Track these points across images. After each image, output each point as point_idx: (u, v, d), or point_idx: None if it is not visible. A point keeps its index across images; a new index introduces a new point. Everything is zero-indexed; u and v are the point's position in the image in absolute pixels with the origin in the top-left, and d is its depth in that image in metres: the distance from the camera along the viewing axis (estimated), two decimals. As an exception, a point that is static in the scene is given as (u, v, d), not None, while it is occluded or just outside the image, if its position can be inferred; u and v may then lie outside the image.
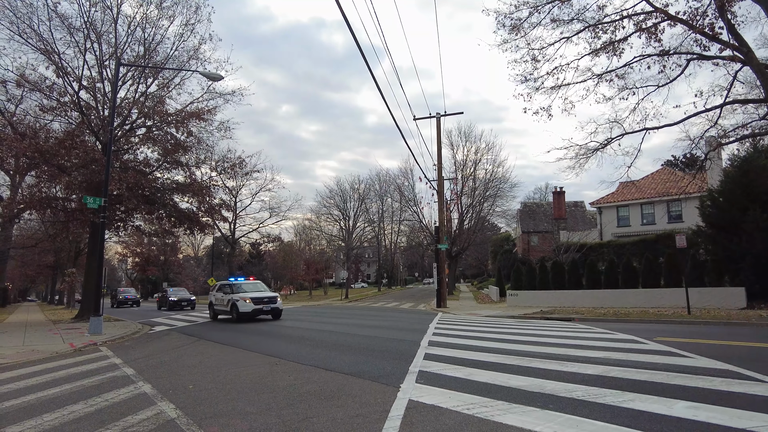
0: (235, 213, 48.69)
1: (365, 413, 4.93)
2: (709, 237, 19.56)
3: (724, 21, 15.32)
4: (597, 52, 17.45)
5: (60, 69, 19.59)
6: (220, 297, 20.02)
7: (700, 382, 5.79)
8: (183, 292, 34.57)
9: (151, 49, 21.48)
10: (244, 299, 18.29)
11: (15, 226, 36.24)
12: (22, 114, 22.75)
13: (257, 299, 18.54)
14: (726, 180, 19.44)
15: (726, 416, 4.37)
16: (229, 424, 4.75)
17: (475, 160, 43.52)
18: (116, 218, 22.48)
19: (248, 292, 19.23)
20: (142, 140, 22.44)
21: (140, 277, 78.60)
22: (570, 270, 24.46)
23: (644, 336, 10.55)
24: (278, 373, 7.48)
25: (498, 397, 5.37)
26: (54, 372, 8.33)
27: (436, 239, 26.92)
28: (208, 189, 24.31)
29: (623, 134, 17.84)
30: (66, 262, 43.49)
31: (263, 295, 19.19)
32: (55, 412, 5.48)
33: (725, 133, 16.97)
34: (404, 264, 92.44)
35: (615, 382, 5.96)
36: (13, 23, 18.80)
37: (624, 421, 4.33)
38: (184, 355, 10.12)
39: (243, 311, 18.11)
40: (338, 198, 58.87)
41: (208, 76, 16.97)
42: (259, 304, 18.39)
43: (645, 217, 33.69)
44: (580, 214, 49.27)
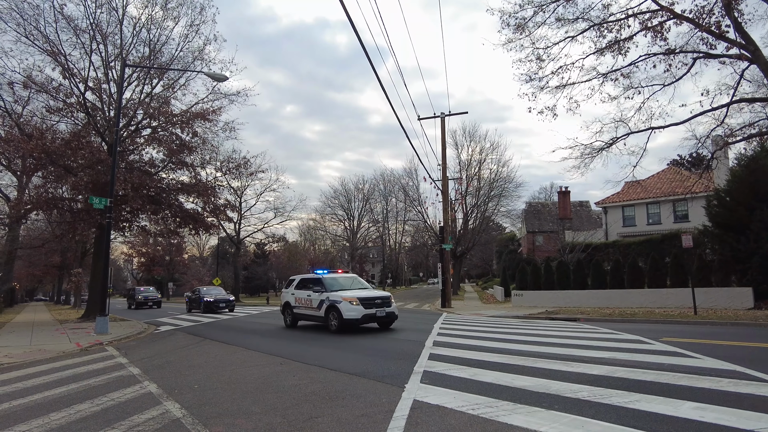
0: (240, 213, 48.88)
1: (370, 413, 4.93)
2: (716, 237, 19.41)
3: (731, 19, 15.20)
4: (602, 51, 17.36)
5: (66, 70, 19.72)
6: (305, 297, 14.95)
7: (707, 382, 5.74)
8: (219, 292, 29.30)
9: (156, 50, 21.61)
10: (348, 300, 13.10)
11: (22, 226, 36.48)
12: (29, 115, 22.95)
13: (367, 300, 13.27)
14: (733, 179, 19.29)
15: (734, 417, 4.34)
16: (234, 423, 4.76)
17: (479, 160, 43.44)
18: (122, 218, 22.60)
19: (350, 290, 14.14)
20: (147, 141, 22.55)
21: (146, 277, 78.96)
22: (575, 270, 24.37)
23: (650, 336, 10.49)
24: (283, 373, 7.49)
25: (503, 397, 5.35)
26: (61, 371, 8.38)
27: (440, 239, 26.88)
28: (213, 189, 24.41)
29: (629, 133, 17.75)
30: (72, 263, 43.75)
31: (373, 294, 14.04)
32: (62, 411, 5.51)
33: (732, 132, 16.85)
34: (409, 264, 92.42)
35: (621, 382, 5.92)
36: (20, 25, 18.98)
37: (630, 422, 4.31)
38: (190, 355, 10.16)
39: (349, 317, 12.90)
40: (343, 198, 59.04)
41: (213, 76, 17.03)
42: (370, 307, 13.12)
43: (651, 216, 33.48)
44: (585, 213, 49.08)
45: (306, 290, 15.12)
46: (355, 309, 12.93)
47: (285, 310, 16.08)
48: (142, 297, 37.04)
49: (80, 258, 42.13)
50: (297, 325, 15.59)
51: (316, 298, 14.19)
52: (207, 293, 28.03)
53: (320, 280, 14.69)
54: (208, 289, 29.64)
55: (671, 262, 21.05)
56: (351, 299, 13.13)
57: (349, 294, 13.54)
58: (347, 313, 12.92)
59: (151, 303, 36.89)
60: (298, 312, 15.34)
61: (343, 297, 13.25)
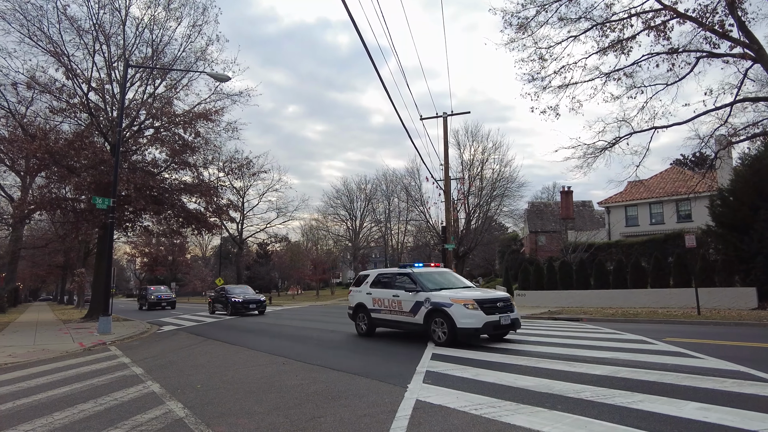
0: (242, 213, 49.00)
1: (373, 413, 4.93)
2: (720, 236, 19.35)
3: (735, 18, 15.15)
4: (605, 51, 17.33)
5: (69, 71, 19.78)
6: (388, 298, 11.51)
7: (710, 383, 5.72)
8: (246, 291, 26.14)
9: (158, 50, 21.66)
10: (462, 303, 9.67)
11: (26, 226, 36.64)
12: (32, 116, 23.03)
13: (487, 303, 9.81)
14: (736, 179, 19.22)
15: (737, 418, 4.32)
16: (237, 423, 4.77)
17: (482, 160, 43.25)
18: (125, 218, 22.67)
19: (453, 288, 10.90)
20: (150, 141, 22.60)
21: (149, 277, 79.17)
22: (578, 270, 24.31)
23: (653, 336, 10.46)
24: (285, 372, 7.50)
25: (506, 397, 5.35)
26: (64, 371, 8.41)
27: (443, 239, 26.87)
28: (216, 189, 24.45)
29: (631, 133, 17.71)
30: (75, 263, 43.92)
31: (491, 295, 10.49)
32: (66, 410, 5.53)
33: (736, 131, 16.80)
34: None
35: (624, 382, 5.91)
36: (23, 26, 19.03)
37: (633, 422, 4.30)
38: (192, 354, 10.18)
39: (465, 326, 9.47)
40: (345, 198, 59.03)
41: (216, 77, 17.06)
42: (492, 312, 9.69)
43: (654, 216, 33.40)
44: (588, 213, 49.00)
45: (389, 289, 11.74)
46: (472, 315, 9.50)
47: (357, 314, 12.69)
48: (155, 297, 33.81)
49: (83, 258, 42.29)
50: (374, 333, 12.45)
51: (408, 300, 10.85)
52: (235, 292, 25.15)
53: (412, 276, 11.30)
54: (234, 288, 26.63)
55: (674, 262, 20.99)
56: (465, 301, 9.70)
57: (458, 294, 10.23)
58: (463, 321, 9.50)
59: (165, 303, 33.80)
60: (379, 317, 11.90)
61: (453, 298, 9.85)
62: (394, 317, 11.44)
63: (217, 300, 26.02)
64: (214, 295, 26.96)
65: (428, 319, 10.24)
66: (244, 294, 25.00)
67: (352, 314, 13.09)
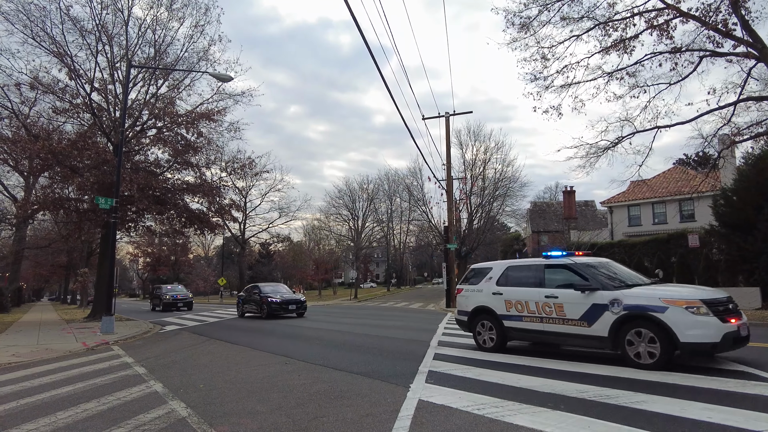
0: (244, 213, 48.99)
1: (375, 413, 4.93)
2: (723, 236, 19.28)
3: (738, 17, 15.09)
4: (607, 50, 17.28)
5: (72, 71, 19.82)
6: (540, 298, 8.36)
7: (714, 383, 5.71)
8: (281, 289, 23.29)
9: (161, 50, 21.69)
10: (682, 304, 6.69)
11: (29, 226, 36.79)
12: (35, 116, 23.08)
13: (719, 304, 6.91)
14: (740, 178, 19.14)
15: (741, 418, 4.30)
16: (240, 423, 4.77)
17: (484, 160, 43.30)
18: (127, 219, 22.71)
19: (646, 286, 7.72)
20: (152, 141, 22.64)
21: (151, 277, 79.34)
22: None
23: (656, 336, 10.40)
24: (288, 372, 7.50)
25: (508, 397, 5.34)
26: (67, 370, 8.43)
27: (445, 239, 26.85)
28: (218, 189, 24.49)
29: (634, 133, 17.65)
30: (78, 262, 44.01)
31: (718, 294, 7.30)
32: (69, 410, 5.54)
33: (739, 130, 16.72)
34: (413, 264, 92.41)
35: (627, 382, 5.90)
36: (26, 27, 19.07)
37: (637, 423, 4.28)
38: (195, 354, 10.19)
39: (693, 340, 6.47)
40: (347, 198, 58.98)
41: (218, 77, 17.06)
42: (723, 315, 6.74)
43: (657, 216, 33.32)
44: (590, 213, 48.91)
45: (534, 287, 8.57)
46: (704, 324, 6.55)
47: (476, 321, 9.52)
48: (171, 297, 30.04)
49: (86, 258, 42.41)
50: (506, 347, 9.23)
51: (576, 302, 7.77)
52: (270, 291, 22.06)
53: (576, 269, 8.13)
54: (267, 286, 23.43)
55: (677, 261, 20.93)
56: (687, 303, 6.74)
57: (668, 292, 7.15)
58: (689, 333, 6.51)
59: (181, 304, 29.92)
60: (518, 326, 8.71)
61: (665, 299, 6.87)
62: (549, 327, 8.20)
63: (247, 300, 22.95)
64: (244, 295, 23.81)
65: (618, 329, 7.17)
66: (282, 293, 22.08)
67: (468, 322, 9.77)
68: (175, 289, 31.99)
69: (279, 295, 21.58)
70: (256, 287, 22.95)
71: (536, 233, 46.87)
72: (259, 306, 21.38)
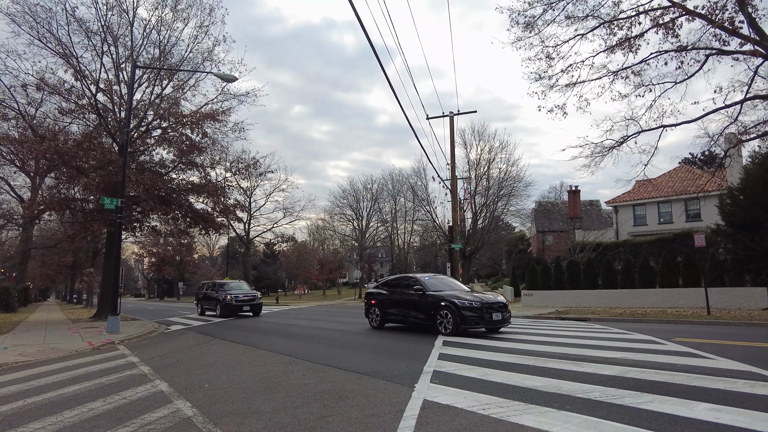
0: (249, 213, 49.11)
1: (380, 413, 4.92)
2: (729, 236, 19.15)
3: (745, 15, 14.98)
4: (612, 49, 17.19)
5: (78, 72, 19.94)
6: None
7: (721, 383, 5.66)
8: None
9: (166, 51, 21.79)
10: None
11: (35, 227, 37.01)
12: (42, 117, 23.25)
13: None
14: (746, 177, 19.01)
15: (749, 419, 4.26)
16: (245, 422, 4.78)
17: (488, 159, 43.15)
18: (133, 219, 22.82)
19: None
20: (157, 141, 22.75)
21: (156, 277, 79.71)
22: (585, 270, 24.17)
23: (662, 336, 10.37)
24: (293, 372, 7.50)
25: (514, 397, 5.32)
26: (73, 370, 8.47)
27: (449, 239, 26.79)
28: (223, 189, 24.57)
29: (639, 132, 17.56)
30: (84, 262, 44.28)
31: None
32: (75, 409, 5.56)
33: (746, 129, 16.60)
34: (417, 264, 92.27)
35: (633, 383, 5.86)
36: (33, 28, 19.20)
37: (643, 423, 4.25)
38: (200, 354, 10.22)
39: None
40: (351, 198, 59.02)
41: (222, 77, 17.11)
42: None
43: (662, 215, 33.15)
44: (595, 213, 48.71)
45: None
46: None
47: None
48: (235, 298, 21.35)
49: (92, 258, 42.65)
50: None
51: None
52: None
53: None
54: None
55: (683, 261, 20.82)
56: None
57: None
58: None
59: (247, 308, 21.56)
60: None
61: None
62: None
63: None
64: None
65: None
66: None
67: None
68: (241, 287, 23.34)
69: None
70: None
71: (541, 233, 46.73)
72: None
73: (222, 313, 21.02)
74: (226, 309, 20.96)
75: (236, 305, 21.16)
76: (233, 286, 22.80)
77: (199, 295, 24.34)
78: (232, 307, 20.98)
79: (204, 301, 23.15)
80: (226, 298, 21.20)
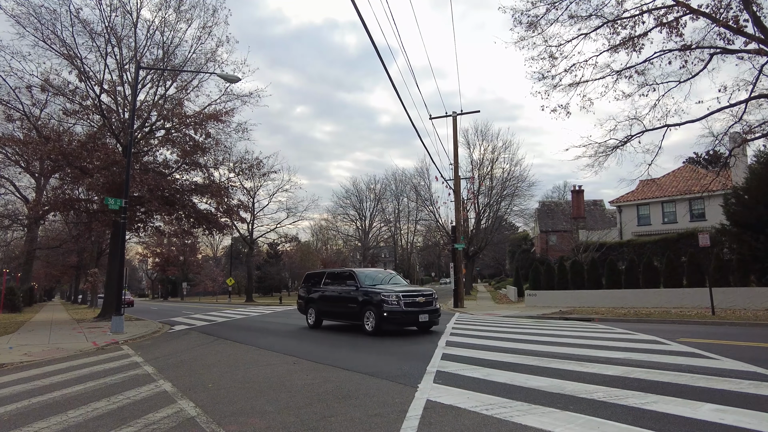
0: (252, 214, 49.23)
1: (383, 413, 4.92)
2: (734, 235, 19.06)
3: (749, 13, 14.90)
4: (616, 48, 17.12)
5: (82, 73, 20.02)
6: None
7: (726, 384, 5.63)
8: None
9: (169, 52, 21.84)
10: None
11: (40, 227, 37.20)
12: (46, 118, 23.34)
13: None
14: (751, 177, 18.92)
15: (755, 420, 4.24)
16: (248, 422, 4.79)
17: (491, 159, 43.18)
18: (136, 219, 22.89)
19: None
20: (161, 142, 22.81)
21: (160, 277, 79.92)
22: (589, 270, 24.11)
23: (667, 337, 10.33)
24: (296, 372, 7.51)
25: (517, 397, 5.31)
26: (78, 370, 8.51)
27: (452, 239, 26.78)
28: (227, 190, 24.61)
29: (643, 131, 17.48)
30: (89, 263, 44.46)
31: None
32: (80, 408, 5.59)
33: (750, 128, 16.49)
34: (420, 264, 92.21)
35: (637, 383, 5.83)
36: (37, 29, 19.28)
37: (647, 424, 4.24)
38: (203, 354, 10.25)
39: None
40: (354, 198, 59.10)
41: (226, 78, 17.14)
42: None
43: (666, 215, 33.02)
44: (599, 212, 48.56)
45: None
46: None
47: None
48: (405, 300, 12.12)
49: (96, 258, 42.83)
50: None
51: None
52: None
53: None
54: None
55: (687, 261, 20.73)
56: None
57: None
58: None
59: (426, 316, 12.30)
60: None
61: None
62: None
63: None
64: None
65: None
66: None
67: None
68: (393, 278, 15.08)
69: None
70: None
71: (544, 233, 46.63)
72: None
73: (379, 325, 11.92)
74: (390, 319, 11.78)
75: (407, 313, 11.88)
76: (381, 277, 14.03)
77: (309, 294, 15.39)
78: (399, 315, 11.81)
79: (323, 304, 14.56)
80: (388, 300, 11.92)
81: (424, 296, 12.41)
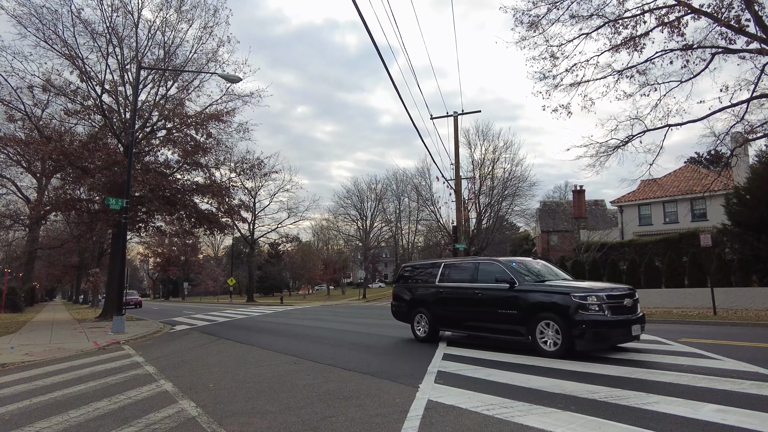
0: (254, 213, 49.22)
1: (384, 413, 4.92)
2: (736, 235, 19.04)
3: (751, 13, 14.87)
4: (617, 48, 17.10)
5: (84, 73, 20.04)
6: None
7: (728, 384, 5.62)
8: None
9: (170, 52, 21.85)
10: None
11: (42, 227, 37.24)
12: (48, 118, 23.38)
13: None
14: (753, 177, 18.89)
15: (757, 420, 4.23)
16: (249, 422, 4.79)
17: (492, 159, 43.03)
18: (138, 219, 22.91)
19: None
20: (162, 142, 22.83)
21: (161, 277, 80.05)
22: (590, 270, 24.08)
23: (668, 337, 10.31)
24: (297, 372, 7.51)
25: (518, 397, 5.30)
26: (79, 369, 8.52)
27: (453, 239, 26.76)
28: (228, 190, 24.62)
29: (645, 131, 17.45)
30: (90, 263, 44.53)
31: None
32: (81, 408, 5.59)
33: (752, 128, 16.46)
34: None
35: (638, 383, 5.82)
36: (39, 30, 19.30)
37: (649, 424, 4.23)
38: (204, 354, 10.25)
39: None
40: (355, 198, 58.98)
41: (227, 78, 17.15)
42: None
43: (668, 215, 32.97)
44: (600, 212, 48.52)
45: None
46: None
47: None
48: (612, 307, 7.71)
49: (97, 258, 42.89)
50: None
51: None
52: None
53: None
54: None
55: (689, 261, 20.69)
56: None
57: None
58: None
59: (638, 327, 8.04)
60: None
61: None
62: None
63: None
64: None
65: None
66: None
67: None
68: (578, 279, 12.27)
69: None
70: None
71: (546, 233, 46.61)
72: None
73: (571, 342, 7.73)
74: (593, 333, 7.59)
75: (614, 324, 7.78)
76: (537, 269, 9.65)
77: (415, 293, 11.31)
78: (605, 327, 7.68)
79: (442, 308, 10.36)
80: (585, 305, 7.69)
81: (629, 297, 8.12)
